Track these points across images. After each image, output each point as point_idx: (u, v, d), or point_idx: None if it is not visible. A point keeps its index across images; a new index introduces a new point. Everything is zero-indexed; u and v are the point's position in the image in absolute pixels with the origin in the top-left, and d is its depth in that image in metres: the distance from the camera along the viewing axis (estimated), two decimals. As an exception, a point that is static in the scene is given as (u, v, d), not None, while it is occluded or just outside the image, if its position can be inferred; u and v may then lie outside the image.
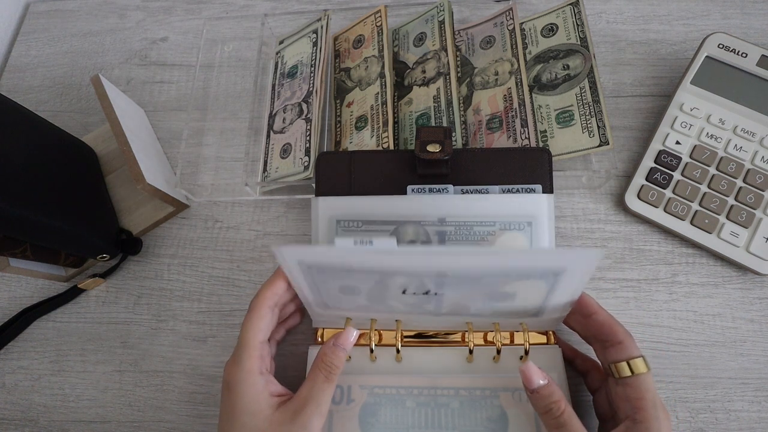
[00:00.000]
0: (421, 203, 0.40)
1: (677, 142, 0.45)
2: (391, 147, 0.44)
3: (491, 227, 0.39)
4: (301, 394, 0.33)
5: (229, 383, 0.33)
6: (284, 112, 0.50)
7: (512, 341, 0.40)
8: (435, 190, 0.41)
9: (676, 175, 0.45)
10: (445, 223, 0.39)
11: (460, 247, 0.37)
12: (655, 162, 0.45)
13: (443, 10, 0.49)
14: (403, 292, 0.35)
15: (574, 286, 0.33)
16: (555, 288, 0.33)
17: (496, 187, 0.41)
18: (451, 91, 0.46)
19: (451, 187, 0.41)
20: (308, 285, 0.35)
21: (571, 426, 0.31)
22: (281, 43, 0.55)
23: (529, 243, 0.39)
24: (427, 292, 0.35)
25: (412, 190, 0.41)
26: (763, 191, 0.43)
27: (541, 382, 0.32)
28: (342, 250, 0.32)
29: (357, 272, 0.33)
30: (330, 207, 0.40)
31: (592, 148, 0.43)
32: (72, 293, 0.47)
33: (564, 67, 0.46)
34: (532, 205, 0.39)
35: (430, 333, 0.41)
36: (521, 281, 0.33)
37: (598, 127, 0.43)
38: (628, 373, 0.32)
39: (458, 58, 0.50)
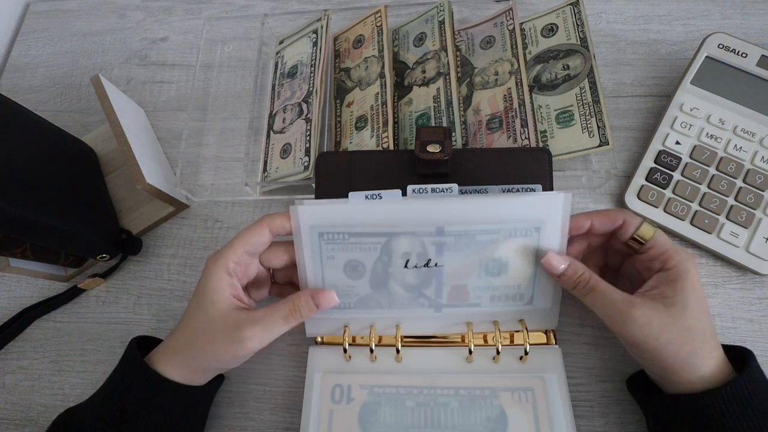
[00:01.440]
0: (418, 211, 0.36)
1: (677, 142, 0.45)
2: (391, 147, 0.44)
3: (495, 235, 0.36)
4: (257, 313, 0.35)
5: (204, 269, 0.36)
6: (284, 112, 0.50)
7: (512, 341, 0.40)
8: (438, 190, 0.41)
9: (676, 176, 0.45)
10: (444, 233, 0.36)
11: (454, 198, 0.38)
12: (655, 162, 0.45)
13: (443, 10, 0.49)
14: (405, 265, 0.37)
15: (558, 242, 0.36)
16: (539, 251, 0.37)
17: (496, 187, 0.41)
18: (451, 91, 0.46)
19: (455, 185, 0.40)
20: (313, 267, 0.37)
21: (598, 287, 0.34)
22: (281, 43, 0.55)
23: (534, 249, 0.37)
24: (427, 263, 0.37)
25: (413, 190, 0.41)
26: (763, 191, 0.43)
27: (563, 267, 0.36)
28: (355, 203, 0.36)
29: (365, 236, 0.36)
30: (311, 217, 0.36)
31: (592, 148, 0.43)
32: (72, 293, 0.47)
33: (564, 67, 0.46)
34: (541, 207, 0.36)
35: (430, 333, 0.41)
36: (509, 241, 0.36)
37: (598, 127, 0.43)
38: (646, 239, 0.35)
39: (458, 58, 0.50)
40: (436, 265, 0.37)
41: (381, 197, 0.36)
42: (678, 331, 0.32)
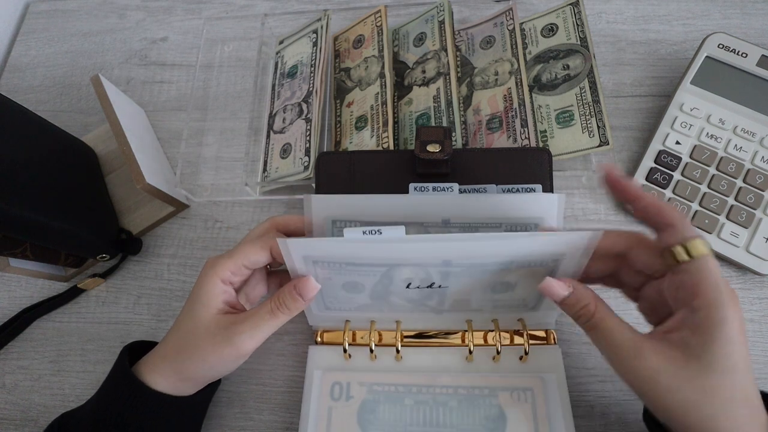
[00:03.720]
0: (424, 203, 0.37)
1: (677, 142, 0.45)
2: (391, 147, 0.44)
3: (497, 229, 0.36)
4: (245, 314, 0.35)
5: (200, 274, 0.36)
6: (284, 112, 0.50)
7: (512, 342, 0.40)
8: (439, 188, 0.41)
9: (676, 175, 0.45)
10: (450, 224, 0.37)
11: (465, 235, 0.34)
12: (655, 162, 0.45)
13: (443, 10, 0.49)
14: (408, 286, 0.36)
15: (572, 271, 0.34)
16: (554, 274, 0.34)
17: (495, 187, 0.41)
18: (451, 91, 0.46)
19: (456, 185, 0.41)
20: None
21: (603, 324, 0.30)
22: (281, 43, 0.55)
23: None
24: (431, 285, 0.36)
25: (414, 188, 0.41)
26: (763, 191, 0.43)
27: (565, 293, 0.32)
28: (351, 241, 0.32)
29: (363, 266, 0.34)
30: (326, 206, 0.36)
31: (592, 148, 0.43)
32: (72, 293, 0.47)
33: (564, 67, 0.46)
34: (540, 205, 0.36)
35: (430, 333, 0.41)
36: (522, 269, 0.34)
37: (598, 127, 0.43)
38: (686, 258, 0.28)
39: (458, 58, 0.50)
40: (440, 287, 0.36)
41: (381, 233, 0.32)
42: (694, 391, 0.26)
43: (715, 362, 0.26)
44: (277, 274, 0.42)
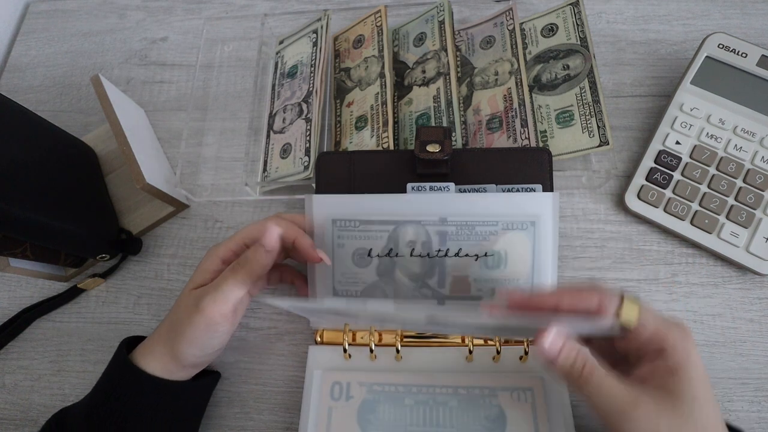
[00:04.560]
0: (422, 202, 0.40)
1: (677, 142, 0.45)
2: (391, 147, 0.44)
3: (494, 227, 0.39)
4: (212, 282, 0.36)
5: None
6: (284, 112, 0.50)
7: (512, 341, 0.40)
8: (436, 188, 0.41)
9: (676, 175, 0.45)
10: (447, 222, 0.39)
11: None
12: (655, 162, 0.45)
13: (443, 10, 0.49)
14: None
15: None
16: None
17: (495, 186, 0.41)
18: (451, 91, 0.46)
19: (452, 185, 0.41)
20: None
21: (594, 378, 0.28)
22: (281, 43, 0.55)
23: (531, 243, 0.39)
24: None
25: (412, 188, 0.41)
26: (763, 191, 0.43)
27: (556, 349, 0.29)
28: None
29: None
30: (325, 205, 0.40)
31: (592, 148, 0.43)
32: (72, 293, 0.47)
33: (564, 67, 0.46)
34: (535, 203, 0.39)
35: (430, 333, 0.41)
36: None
37: (598, 127, 0.43)
38: (632, 320, 0.29)
39: (458, 58, 0.50)
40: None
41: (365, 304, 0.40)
42: (690, 427, 0.27)
43: (698, 396, 0.27)
44: (277, 267, 0.42)
